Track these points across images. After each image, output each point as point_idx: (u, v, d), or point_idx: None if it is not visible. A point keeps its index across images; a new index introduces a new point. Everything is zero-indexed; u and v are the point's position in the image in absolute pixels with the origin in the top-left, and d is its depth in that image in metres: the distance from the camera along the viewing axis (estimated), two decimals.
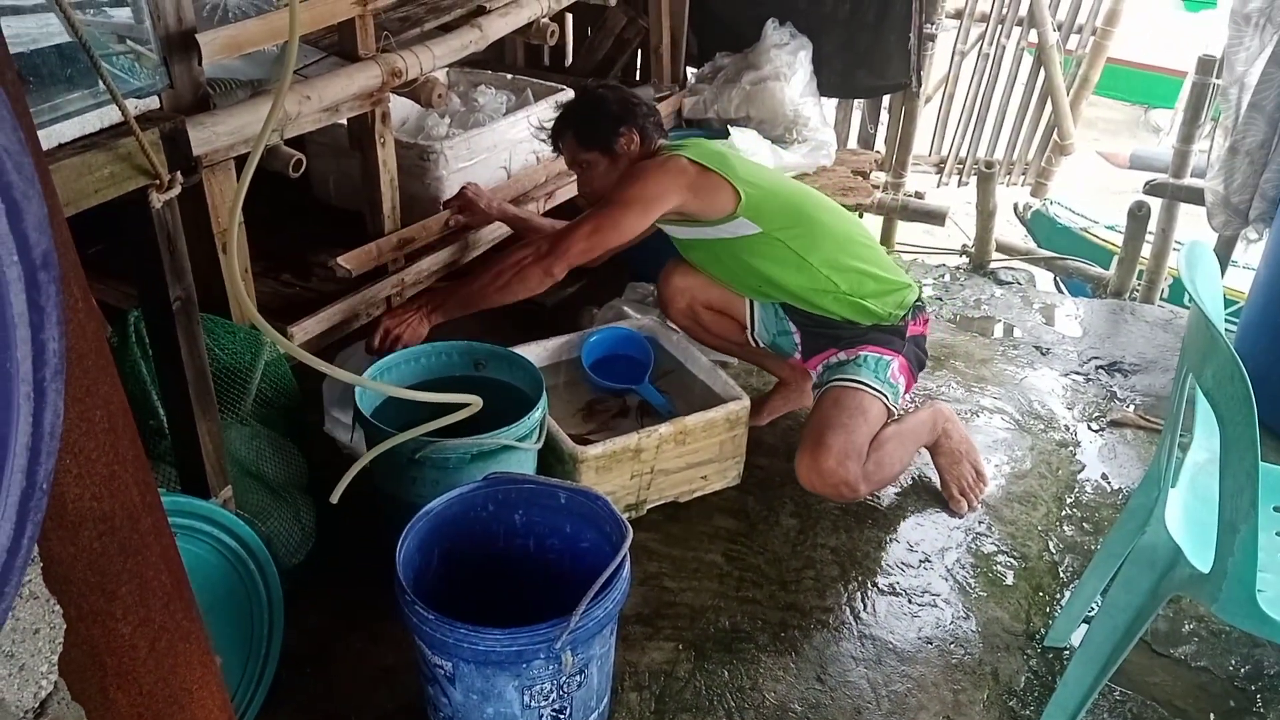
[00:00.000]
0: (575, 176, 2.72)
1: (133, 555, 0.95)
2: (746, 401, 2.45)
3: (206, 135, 1.92)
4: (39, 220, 0.59)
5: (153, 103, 1.51)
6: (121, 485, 0.93)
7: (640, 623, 2.13)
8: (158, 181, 1.47)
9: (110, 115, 1.40)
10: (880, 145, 4.62)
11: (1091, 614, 2.08)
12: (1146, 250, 3.91)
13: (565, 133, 2.58)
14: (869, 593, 2.24)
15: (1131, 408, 2.99)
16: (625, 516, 2.35)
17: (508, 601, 1.78)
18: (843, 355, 2.49)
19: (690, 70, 3.88)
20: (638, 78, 3.97)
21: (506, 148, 2.99)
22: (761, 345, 2.71)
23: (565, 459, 2.26)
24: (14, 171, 0.57)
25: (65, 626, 0.88)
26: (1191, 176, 3.74)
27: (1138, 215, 3.81)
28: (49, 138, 1.34)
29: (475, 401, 1.98)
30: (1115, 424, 2.90)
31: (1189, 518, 1.74)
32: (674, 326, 2.81)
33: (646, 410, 2.65)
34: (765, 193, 2.46)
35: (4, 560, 0.63)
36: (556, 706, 1.65)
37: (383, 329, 2.40)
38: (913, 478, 2.61)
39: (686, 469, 2.42)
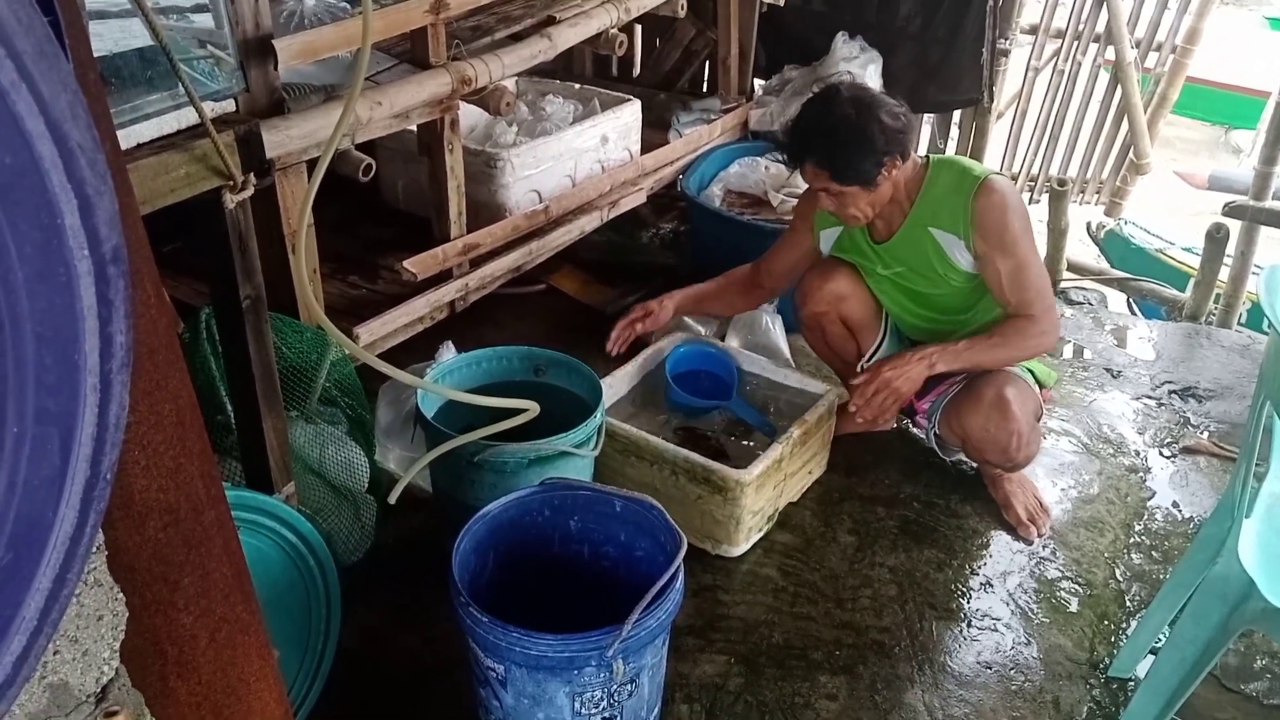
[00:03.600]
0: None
1: (196, 547, 0.97)
2: (836, 388, 2.55)
3: (280, 139, 1.96)
4: (110, 216, 0.60)
5: (229, 106, 1.55)
6: (187, 478, 0.94)
7: (693, 634, 2.11)
8: (231, 182, 1.50)
9: (188, 117, 1.44)
10: None
11: (1159, 645, 2.02)
12: (1224, 273, 3.80)
13: (816, 162, 2.23)
14: (927, 614, 2.20)
15: (1205, 434, 2.90)
16: (766, 529, 2.38)
17: (561, 607, 1.78)
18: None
19: (758, 82, 3.87)
20: (705, 89, 3.97)
21: (572, 156, 3.01)
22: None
23: (729, 485, 2.20)
24: (87, 168, 0.58)
25: (128, 614, 0.89)
26: (1272, 199, 3.62)
27: (1216, 237, 3.70)
28: (128, 137, 1.38)
29: (533, 407, 1.99)
30: (1188, 451, 2.82)
31: (1264, 550, 1.68)
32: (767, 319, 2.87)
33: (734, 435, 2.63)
34: None
35: (68, 547, 0.65)
36: (607, 715, 1.65)
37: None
38: (975, 499, 2.57)
39: (801, 468, 2.46)
